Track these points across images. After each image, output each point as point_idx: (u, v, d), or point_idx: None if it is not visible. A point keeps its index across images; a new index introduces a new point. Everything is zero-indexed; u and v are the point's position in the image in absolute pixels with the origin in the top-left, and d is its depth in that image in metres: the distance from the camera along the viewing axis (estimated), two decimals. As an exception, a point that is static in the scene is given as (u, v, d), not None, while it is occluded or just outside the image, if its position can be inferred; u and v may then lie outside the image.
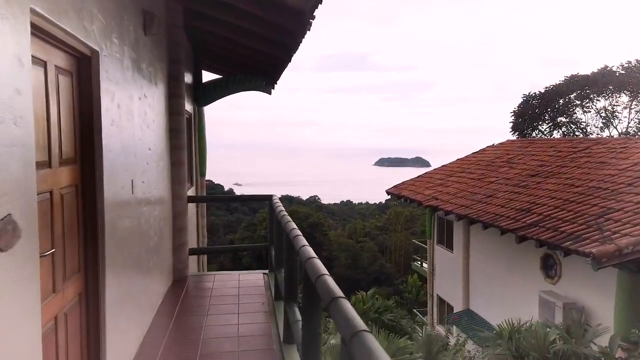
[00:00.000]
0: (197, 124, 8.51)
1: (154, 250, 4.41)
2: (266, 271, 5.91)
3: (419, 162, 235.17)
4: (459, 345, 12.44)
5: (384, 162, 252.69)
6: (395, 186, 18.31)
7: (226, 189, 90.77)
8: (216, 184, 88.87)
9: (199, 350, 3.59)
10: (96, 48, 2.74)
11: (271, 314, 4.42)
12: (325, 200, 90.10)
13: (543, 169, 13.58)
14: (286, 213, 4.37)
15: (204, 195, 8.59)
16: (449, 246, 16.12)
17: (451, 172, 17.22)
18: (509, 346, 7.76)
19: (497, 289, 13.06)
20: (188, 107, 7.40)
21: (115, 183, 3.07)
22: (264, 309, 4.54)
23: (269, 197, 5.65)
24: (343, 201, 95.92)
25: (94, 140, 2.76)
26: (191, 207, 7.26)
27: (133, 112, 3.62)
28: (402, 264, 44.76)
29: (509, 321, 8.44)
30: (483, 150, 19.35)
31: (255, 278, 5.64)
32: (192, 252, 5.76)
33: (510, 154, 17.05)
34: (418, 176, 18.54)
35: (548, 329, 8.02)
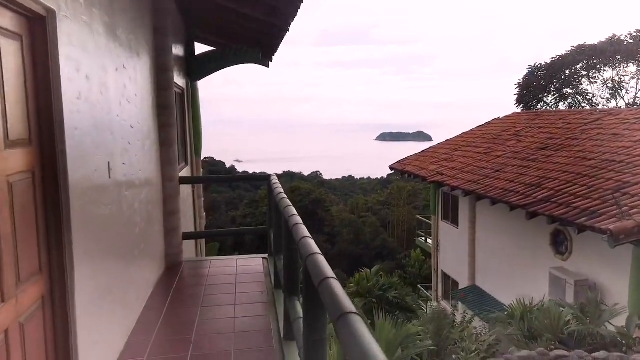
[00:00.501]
0: (190, 100, 8.05)
1: (140, 237, 4.03)
2: (266, 255, 5.54)
3: (421, 136, 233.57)
4: (465, 322, 12.22)
5: (385, 137, 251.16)
6: (398, 162, 17.88)
7: (227, 166, 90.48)
8: (218, 161, 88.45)
9: (190, 349, 3.24)
10: (52, 7, 2.29)
11: (271, 305, 4.07)
12: (327, 175, 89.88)
13: (552, 142, 13.11)
14: (285, 196, 3.96)
15: (200, 175, 8.17)
16: (454, 222, 15.79)
17: (456, 147, 16.76)
18: (520, 327, 7.46)
19: (504, 266, 12.77)
20: (180, 81, 6.94)
21: (84, 166, 2.66)
22: (263, 299, 4.19)
23: (267, 177, 5.24)
24: (345, 176, 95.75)
25: (54, 118, 2.33)
26: (186, 187, 6.88)
27: (108, 85, 3.18)
28: (405, 238, 44.64)
29: (521, 301, 8.14)
30: (489, 123, 18.84)
31: (254, 263, 5.28)
32: (186, 236, 5.38)
33: (517, 126, 16.54)
34: (422, 151, 18.09)
35: (562, 309, 7.71)
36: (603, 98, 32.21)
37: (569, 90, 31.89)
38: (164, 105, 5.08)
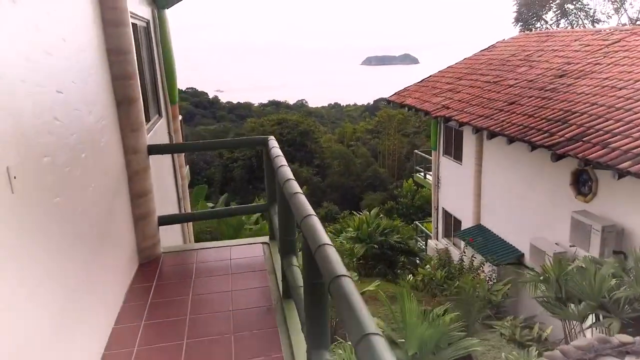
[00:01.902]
0: (159, 34, 6.52)
1: (92, 247, 2.84)
2: (266, 239, 4.39)
3: (407, 59, 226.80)
4: (474, 268, 11.55)
5: (371, 61, 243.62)
6: (396, 93, 16.43)
7: (211, 96, 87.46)
8: (200, 92, 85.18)
9: None
10: None
11: (282, 329, 2.98)
12: (312, 103, 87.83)
13: (571, 68, 11.78)
14: (294, 179, 2.76)
15: (179, 140, 6.72)
16: (457, 157, 14.74)
17: (460, 75, 15.30)
18: (556, 290, 6.61)
19: (514, 206, 11.89)
20: (141, 10, 5.41)
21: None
22: (269, 321, 3.08)
23: (264, 142, 3.98)
24: (331, 104, 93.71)
25: None
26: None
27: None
28: (396, 168, 43.99)
29: (552, 262, 7.27)
30: (493, 46, 17.26)
31: (253, 253, 4.13)
32: (163, 221, 4.18)
33: (526, 50, 15.06)
34: (422, 80, 16.61)
35: (598, 266, 6.85)
36: (604, 14, 30.46)
37: (570, 6, 29.96)
38: (117, 49, 3.67)
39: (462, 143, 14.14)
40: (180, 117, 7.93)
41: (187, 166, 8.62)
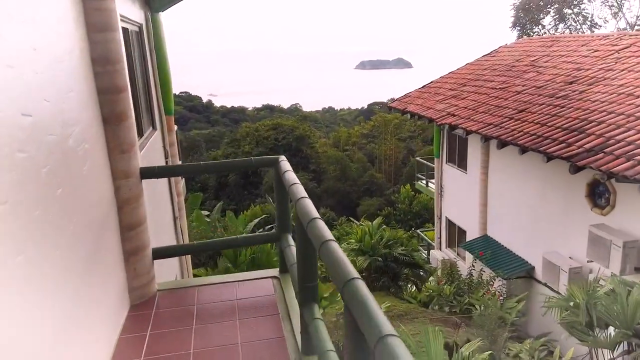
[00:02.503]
0: (153, 39, 5.98)
1: (76, 293, 2.31)
2: (275, 272, 3.85)
3: (400, 63, 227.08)
4: (484, 283, 11.07)
5: (365, 65, 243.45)
6: (398, 99, 15.96)
7: (204, 100, 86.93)
8: (194, 96, 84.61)
9: None
10: None
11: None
12: (306, 107, 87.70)
13: (582, 74, 11.34)
14: (320, 218, 2.25)
15: (176, 154, 6.13)
16: (462, 166, 14.28)
17: (464, 81, 14.85)
18: (583, 317, 6.11)
19: (524, 216, 11.42)
20: (133, 13, 4.87)
21: None
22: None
23: (274, 161, 3.46)
24: (325, 108, 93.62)
25: None
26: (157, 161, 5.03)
27: None
28: (393, 173, 43.56)
29: (569, 280, 6.80)
30: (496, 51, 16.85)
31: (262, 290, 3.58)
32: (158, 254, 3.63)
33: (531, 55, 14.63)
34: (423, 86, 16.14)
35: (629, 289, 6.36)
36: (600, 18, 30.26)
37: (569, 11, 29.73)
38: (104, 57, 3.13)
39: (467, 151, 13.69)
40: (175, 128, 7.39)
41: (183, 180, 8.08)
